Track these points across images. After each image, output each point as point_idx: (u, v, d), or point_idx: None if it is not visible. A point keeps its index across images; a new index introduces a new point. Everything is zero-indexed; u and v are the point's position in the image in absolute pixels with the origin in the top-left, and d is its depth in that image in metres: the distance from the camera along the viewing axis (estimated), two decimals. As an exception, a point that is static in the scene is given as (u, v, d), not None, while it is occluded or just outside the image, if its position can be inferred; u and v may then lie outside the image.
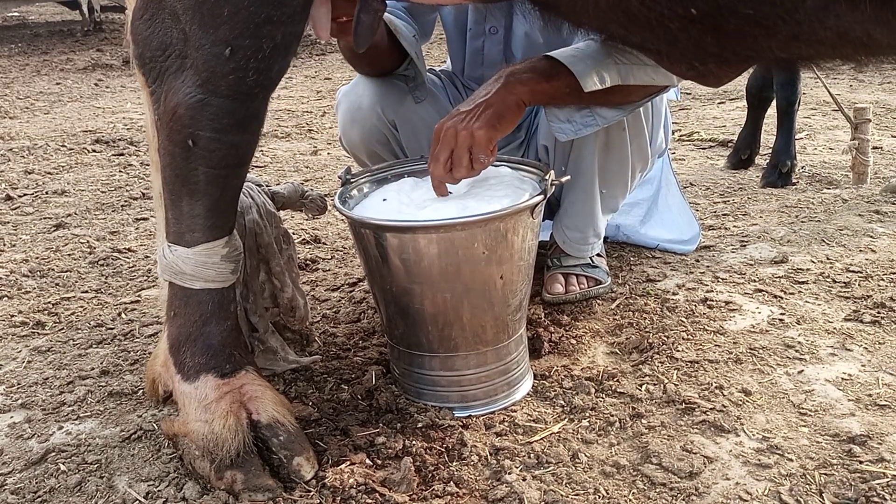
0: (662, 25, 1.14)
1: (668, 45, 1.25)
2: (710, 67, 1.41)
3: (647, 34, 1.22)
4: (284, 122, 4.95)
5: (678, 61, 1.43)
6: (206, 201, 1.47)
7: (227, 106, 1.39)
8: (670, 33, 1.16)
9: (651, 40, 1.26)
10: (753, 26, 1.10)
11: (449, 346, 1.65)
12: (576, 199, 2.13)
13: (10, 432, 1.68)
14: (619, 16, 1.17)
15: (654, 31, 1.17)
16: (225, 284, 1.53)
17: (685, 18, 1.10)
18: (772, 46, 1.16)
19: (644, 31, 1.20)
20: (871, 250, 2.46)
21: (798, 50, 1.16)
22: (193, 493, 1.43)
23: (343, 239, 2.84)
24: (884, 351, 1.86)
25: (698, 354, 1.87)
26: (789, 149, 3.22)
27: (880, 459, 1.46)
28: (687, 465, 1.46)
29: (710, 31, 1.13)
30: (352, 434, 1.59)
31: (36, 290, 2.45)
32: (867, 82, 5.36)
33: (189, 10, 1.34)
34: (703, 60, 1.35)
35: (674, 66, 1.48)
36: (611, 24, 1.25)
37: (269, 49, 1.34)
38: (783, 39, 1.11)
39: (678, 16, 1.10)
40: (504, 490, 1.40)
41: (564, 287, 2.19)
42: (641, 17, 1.13)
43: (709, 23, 1.11)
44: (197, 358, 1.50)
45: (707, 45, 1.19)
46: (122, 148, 4.36)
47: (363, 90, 2.12)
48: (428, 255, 1.54)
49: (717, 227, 2.77)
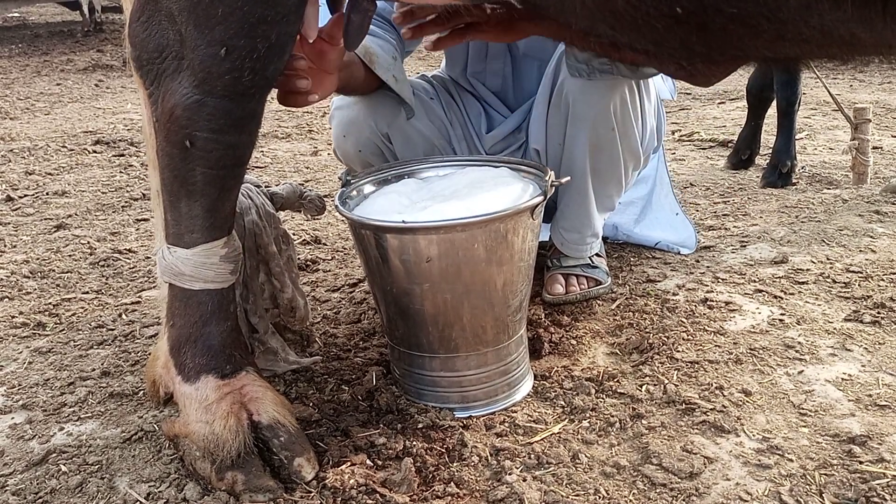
0: (649, 25, 1.14)
1: (655, 45, 1.26)
2: (699, 67, 1.41)
3: (634, 34, 1.22)
4: (284, 122, 4.96)
5: (666, 61, 1.43)
6: (205, 202, 1.47)
7: (223, 106, 1.39)
8: (657, 33, 1.16)
9: (638, 40, 1.26)
10: (738, 25, 1.10)
11: (449, 347, 1.65)
12: (570, 200, 2.13)
13: (12, 433, 1.68)
14: (607, 15, 1.18)
15: (640, 30, 1.17)
16: (224, 285, 1.53)
17: (671, 17, 1.10)
18: (758, 45, 1.16)
19: (631, 31, 1.21)
20: (871, 250, 2.46)
21: (784, 49, 1.17)
22: (194, 494, 1.43)
23: (343, 240, 2.84)
24: (884, 351, 1.86)
25: (698, 355, 1.87)
26: (789, 149, 3.22)
27: (880, 460, 1.46)
28: (687, 466, 1.46)
29: (695, 30, 1.14)
30: (352, 435, 1.59)
31: (37, 291, 2.45)
32: (867, 82, 5.36)
33: (185, 12, 1.34)
34: (691, 60, 1.36)
35: (662, 65, 1.48)
36: (598, 23, 1.25)
37: (264, 49, 1.35)
38: (769, 39, 1.12)
39: (663, 15, 1.10)
40: (504, 491, 1.41)
41: (564, 287, 2.19)
42: (628, 17, 1.13)
43: (694, 22, 1.12)
44: (197, 359, 1.50)
45: (693, 45, 1.20)
46: (123, 149, 4.36)
47: (356, 102, 2.11)
48: (428, 256, 1.54)
49: (718, 227, 2.77)
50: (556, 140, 2.07)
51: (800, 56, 1.26)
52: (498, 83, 2.25)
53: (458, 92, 2.26)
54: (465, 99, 2.25)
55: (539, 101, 2.10)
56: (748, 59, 1.34)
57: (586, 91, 1.94)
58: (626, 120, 1.99)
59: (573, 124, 2.00)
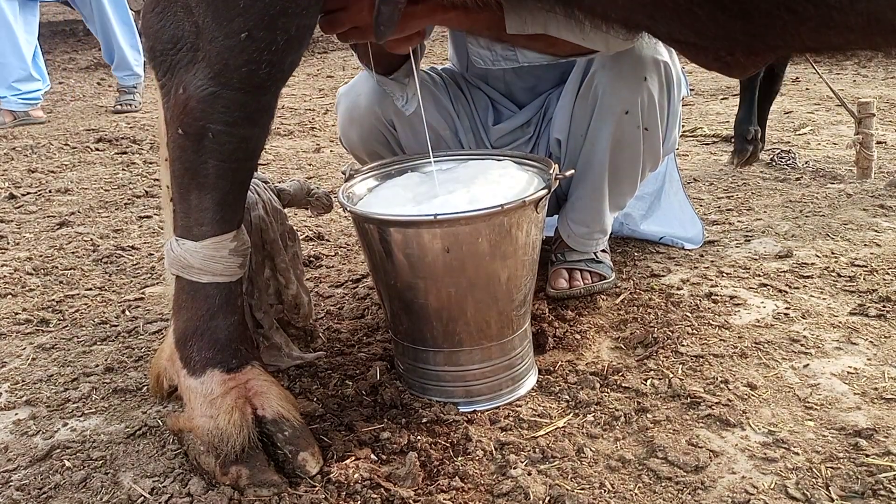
0: (690, 13, 1.12)
1: (696, 34, 1.23)
2: (738, 57, 1.39)
3: (673, 23, 1.20)
4: (287, 119, 4.96)
5: (705, 51, 1.40)
6: (216, 195, 1.46)
7: (238, 99, 1.39)
8: (698, 21, 1.14)
9: (678, 30, 1.23)
10: (783, 12, 1.08)
11: (453, 342, 1.65)
12: (584, 193, 2.12)
13: (15, 429, 1.68)
14: (646, 5, 1.16)
15: (681, 19, 1.15)
16: (233, 278, 1.53)
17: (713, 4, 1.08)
18: (801, 34, 1.13)
19: (671, 21, 1.18)
20: (875, 244, 2.45)
21: (829, 38, 1.13)
22: (198, 489, 1.43)
23: (346, 235, 2.84)
24: (889, 344, 1.85)
25: (703, 349, 1.86)
26: (750, 118, 3.38)
27: (887, 453, 1.45)
28: (693, 460, 1.46)
29: (738, 17, 1.11)
30: (356, 429, 1.59)
31: (40, 288, 2.45)
32: (871, 77, 5.35)
33: (203, 3, 1.33)
34: (731, 50, 1.32)
35: (700, 56, 1.44)
36: (637, 14, 1.23)
37: (282, 41, 1.34)
38: (813, 26, 1.09)
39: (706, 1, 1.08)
40: (509, 484, 1.40)
41: (568, 282, 2.19)
42: (669, 5, 1.11)
43: (737, 9, 1.09)
44: (203, 352, 1.50)
45: (736, 34, 1.17)
46: (125, 146, 4.36)
47: (362, 89, 2.10)
48: (432, 250, 1.53)
49: (722, 221, 2.77)
50: (579, 132, 2.06)
51: (843, 46, 1.23)
52: (501, 86, 2.23)
53: (466, 85, 2.25)
54: (473, 92, 2.24)
55: (567, 90, 2.09)
56: (789, 49, 1.31)
57: (616, 85, 1.93)
58: (652, 118, 1.98)
59: (599, 117, 1.99)
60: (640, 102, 1.94)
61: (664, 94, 1.98)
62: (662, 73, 1.96)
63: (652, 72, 1.93)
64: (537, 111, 2.21)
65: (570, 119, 2.07)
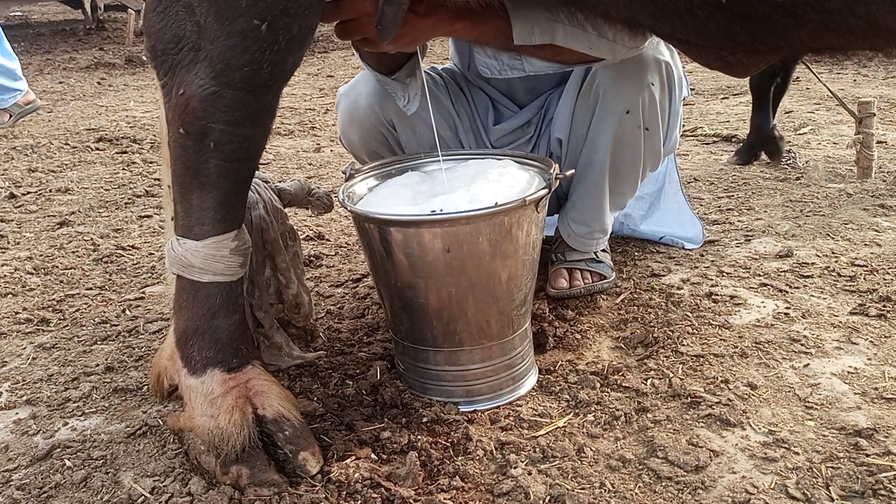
0: (691, 13, 1.12)
1: (697, 34, 1.24)
2: (740, 57, 1.39)
3: (675, 23, 1.20)
4: (287, 119, 4.95)
5: (707, 51, 1.40)
6: (217, 194, 1.46)
7: (240, 98, 1.39)
8: (699, 22, 1.14)
9: (680, 30, 1.24)
10: (783, 14, 1.08)
11: (454, 341, 1.65)
12: (584, 192, 2.12)
13: (16, 428, 1.68)
14: (648, 5, 1.16)
15: (682, 19, 1.16)
16: (234, 278, 1.53)
17: (714, 6, 1.09)
18: (802, 36, 1.14)
19: (673, 21, 1.19)
20: (875, 244, 2.45)
21: (829, 39, 1.15)
22: (199, 488, 1.43)
23: (346, 235, 2.84)
24: (889, 344, 1.85)
25: (703, 349, 1.86)
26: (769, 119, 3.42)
27: (887, 452, 1.45)
28: (693, 459, 1.46)
29: (739, 19, 1.12)
30: (357, 429, 1.59)
31: (40, 288, 2.45)
32: (871, 77, 5.34)
33: (205, 2, 1.34)
34: (733, 50, 1.33)
35: (702, 56, 1.44)
36: (639, 14, 1.23)
37: (285, 41, 1.34)
38: (814, 28, 1.10)
39: (707, 3, 1.09)
40: (509, 484, 1.40)
41: (569, 282, 2.19)
42: (670, 6, 1.12)
43: (738, 10, 1.10)
44: (204, 352, 1.50)
45: (736, 34, 1.18)
46: (126, 146, 4.36)
47: (362, 89, 2.10)
48: (432, 250, 1.53)
49: (722, 221, 2.77)
50: (580, 131, 2.06)
51: (844, 47, 1.24)
52: (502, 86, 2.23)
53: (466, 85, 2.25)
54: (473, 92, 2.24)
55: (568, 90, 2.09)
56: (791, 49, 1.31)
57: (618, 84, 1.93)
58: (653, 118, 1.98)
59: (600, 117, 1.99)
60: (642, 102, 1.94)
61: (665, 94, 1.98)
62: (664, 73, 1.96)
63: (653, 72, 1.93)
64: (538, 111, 2.21)
65: (570, 118, 2.07)
